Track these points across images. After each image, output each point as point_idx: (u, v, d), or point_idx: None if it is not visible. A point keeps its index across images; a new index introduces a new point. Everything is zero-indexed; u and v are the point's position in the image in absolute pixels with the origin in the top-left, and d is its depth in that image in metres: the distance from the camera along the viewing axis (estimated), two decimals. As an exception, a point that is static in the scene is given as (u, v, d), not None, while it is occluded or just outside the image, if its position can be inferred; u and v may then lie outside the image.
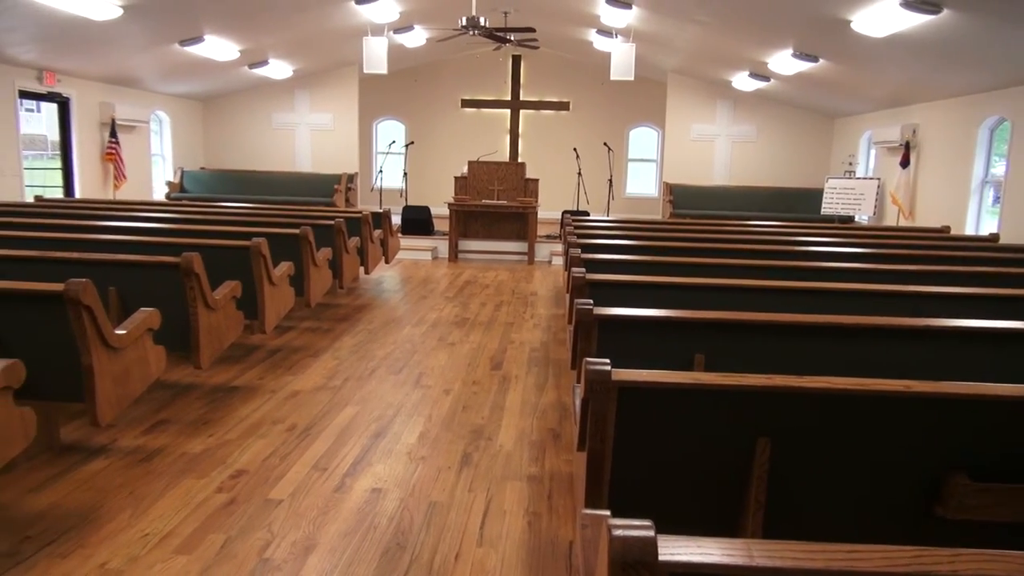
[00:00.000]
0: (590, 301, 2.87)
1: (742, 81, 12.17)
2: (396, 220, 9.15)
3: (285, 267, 5.15)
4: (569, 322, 3.80)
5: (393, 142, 14.79)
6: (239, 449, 3.63)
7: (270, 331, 5.03)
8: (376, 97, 15.20)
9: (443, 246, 10.81)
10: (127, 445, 3.63)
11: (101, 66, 10.19)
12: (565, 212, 11.35)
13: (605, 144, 13.66)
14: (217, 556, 2.67)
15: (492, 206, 10.65)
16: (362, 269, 7.40)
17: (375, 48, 10.28)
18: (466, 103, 15.60)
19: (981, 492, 1.88)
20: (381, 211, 8.23)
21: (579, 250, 4.67)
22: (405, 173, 13.49)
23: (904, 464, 1.96)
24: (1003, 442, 1.95)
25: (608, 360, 1.94)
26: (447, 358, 5.45)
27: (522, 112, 15.60)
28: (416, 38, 12.44)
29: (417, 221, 11.41)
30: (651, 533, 1.00)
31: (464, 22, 9.48)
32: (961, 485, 1.89)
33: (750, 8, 8.20)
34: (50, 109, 10.37)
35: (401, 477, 3.40)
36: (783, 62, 9.83)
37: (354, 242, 6.90)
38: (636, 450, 2.00)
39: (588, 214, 11.73)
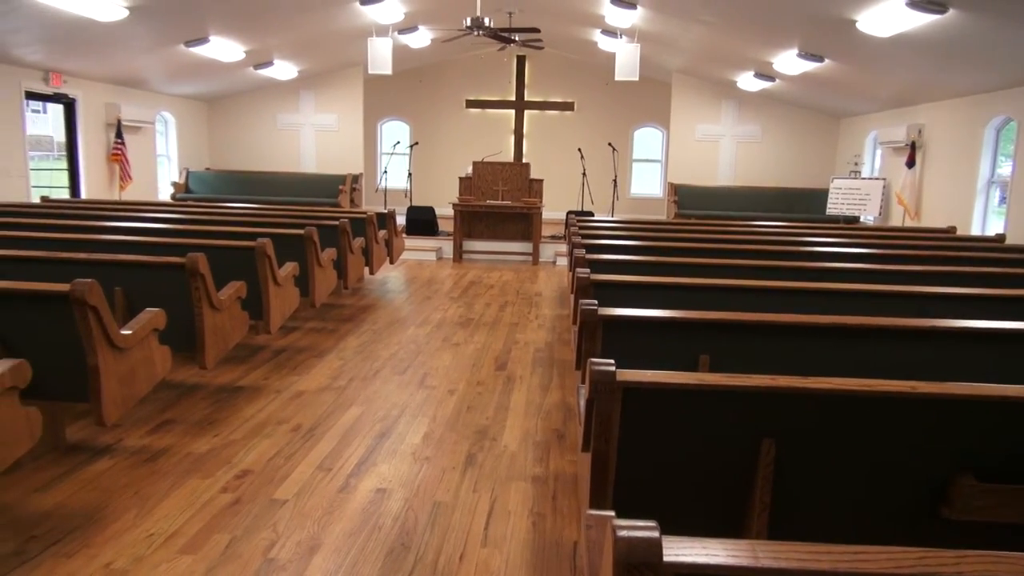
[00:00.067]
0: (595, 302, 2.87)
1: (747, 81, 12.15)
2: (401, 220, 9.17)
3: (290, 267, 5.16)
4: (574, 322, 3.80)
5: (398, 142, 14.81)
6: (244, 449, 3.64)
7: (275, 331, 5.04)
8: (381, 98, 15.22)
9: (447, 246, 10.81)
10: (132, 445, 3.64)
11: (107, 67, 10.23)
12: (570, 212, 11.41)
13: (610, 144, 13.65)
14: (222, 556, 2.68)
15: (497, 206, 10.65)
16: (367, 270, 7.41)
17: (380, 49, 10.30)
18: (471, 103, 15.61)
19: (987, 493, 1.88)
20: (386, 212, 8.24)
21: (583, 250, 4.67)
22: (410, 173, 13.52)
23: (909, 465, 1.96)
24: (1009, 443, 1.94)
25: (613, 361, 1.94)
26: (452, 358, 5.45)
27: (527, 112, 15.60)
28: (421, 39, 12.45)
29: (422, 221, 11.42)
30: (656, 534, 1.00)
31: (469, 22, 9.48)
32: (967, 486, 1.88)
33: (755, 8, 8.18)
34: (56, 110, 10.42)
35: (406, 477, 3.40)
36: (788, 62, 9.81)
37: (359, 242, 6.90)
38: (641, 451, 2.00)
39: (592, 214, 11.73)
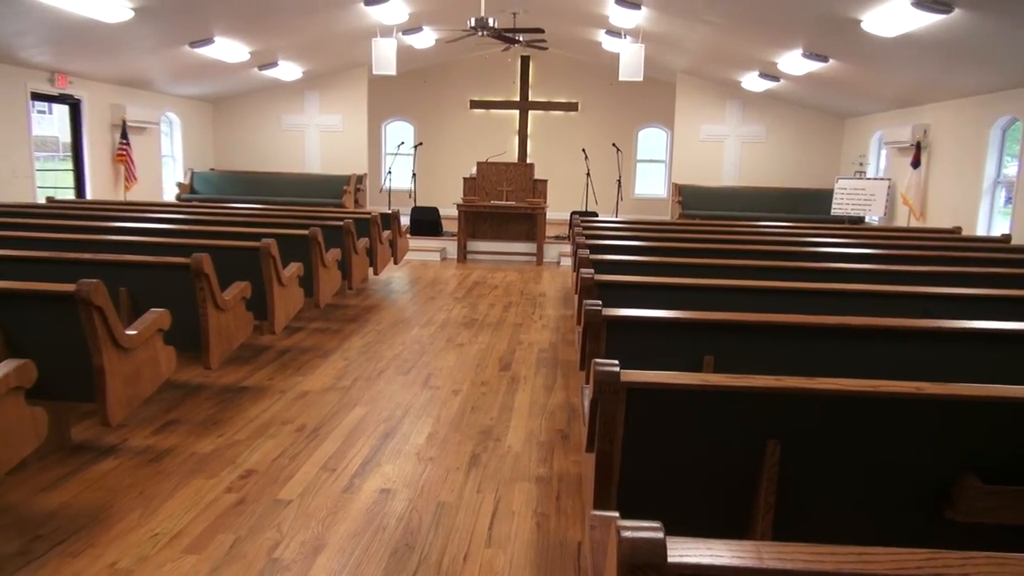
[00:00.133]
0: (599, 302, 2.86)
1: (751, 81, 12.13)
2: (405, 221, 9.17)
3: (294, 268, 5.17)
4: (578, 323, 3.80)
5: (402, 143, 14.83)
6: (248, 449, 3.65)
7: (279, 332, 5.05)
8: (385, 98, 15.24)
9: (452, 247, 10.82)
10: (137, 445, 3.65)
11: (112, 68, 10.26)
12: (574, 213, 11.39)
13: (614, 145, 13.65)
14: (226, 556, 2.68)
15: (501, 207, 10.65)
16: (371, 270, 7.42)
17: (384, 49, 10.30)
18: (475, 104, 15.62)
19: (992, 495, 1.87)
20: (390, 212, 8.25)
21: (588, 251, 4.66)
22: (414, 174, 13.53)
23: (914, 466, 1.95)
24: (1014, 444, 1.93)
25: (617, 361, 1.93)
26: (456, 359, 5.45)
27: (531, 113, 15.60)
28: (425, 39, 12.46)
29: (426, 222, 11.43)
30: (660, 535, 1.00)
31: (473, 23, 9.49)
32: (972, 487, 1.87)
33: (760, 8, 8.17)
34: (62, 111, 10.46)
35: (410, 478, 3.41)
36: (793, 62, 9.79)
37: (363, 243, 6.91)
38: (645, 451, 1.99)
39: (597, 215, 11.72)
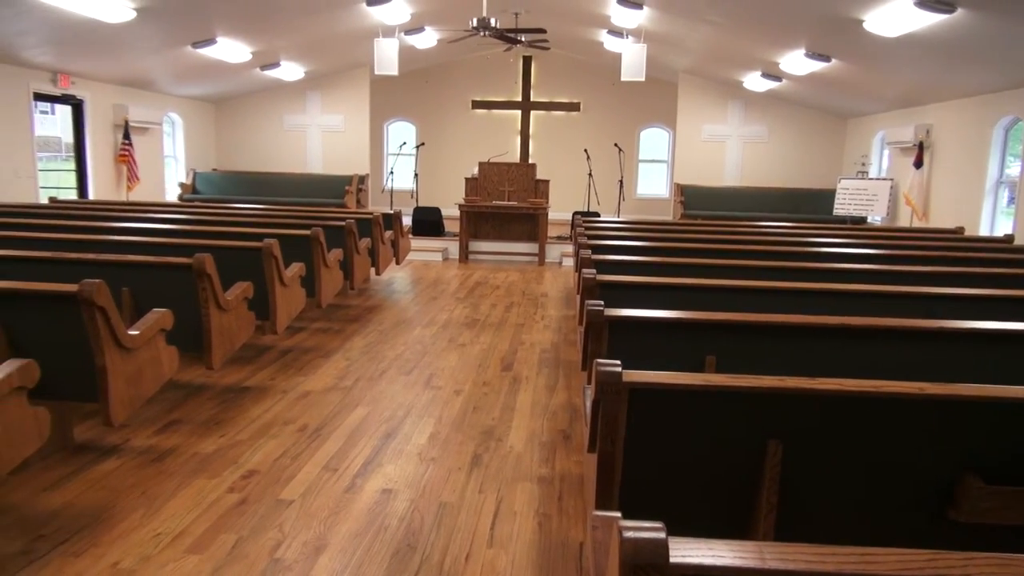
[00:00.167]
0: (601, 302, 2.86)
1: (754, 81, 12.12)
2: (407, 221, 9.17)
3: (296, 268, 5.17)
4: (580, 323, 3.80)
5: (404, 143, 14.83)
6: (251, 449, 3.65)
7: (281, 332, 5.05)
8: (387, 98, 15.25)
9: (454, 247, 10.82)
10: (139, 445, 3.66)
11: (114, 68, 10.27)
12: (576, 213, 11.39)
13: (616, 145, 13.64)
14: (228, 556, 2.68)
15: (503, 207, 10.65)
16: (373, 270, 7.42)
17: (386, 49, 10.31)
18: (477, 104, 15.62)
19: (994, 495, 1.87)
20: (392, 212, 8.25)
21: (590, 251, 4.66)
22: (416, 174, 13.54)
23: (916, 467, 1.95)
24: (1017, 445, 1.93)
25: (619, 361, 1.93)
26: (457, 359, 5.45)
27: (533, 113, 15.60)
28: (427, 39, 12.47)
29: (428, 222, 11.43)
30: (662, 535, 1.00)
31: (475, 23, 9.48)
32: (975, 488, 1.87)
33: (762, 8, 8.16)
34: (64, 111, 10.47)
35: (411, 478, 3.41)
36: (795, 62, 9.78)
37: (365, 243, 6.91)
38: (647, 452, 1.99)
39: (599, 215, 11.72)
